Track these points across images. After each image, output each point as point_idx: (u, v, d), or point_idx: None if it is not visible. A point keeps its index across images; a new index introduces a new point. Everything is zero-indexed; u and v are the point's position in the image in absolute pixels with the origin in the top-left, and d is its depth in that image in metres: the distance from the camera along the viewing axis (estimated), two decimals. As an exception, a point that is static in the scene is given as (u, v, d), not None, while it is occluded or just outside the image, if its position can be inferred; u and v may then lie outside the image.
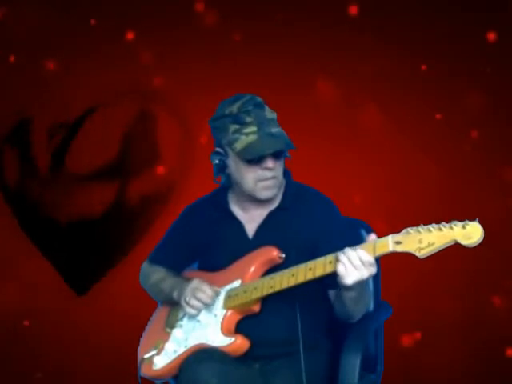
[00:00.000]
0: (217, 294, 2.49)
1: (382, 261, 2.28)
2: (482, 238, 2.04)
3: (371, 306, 2.49)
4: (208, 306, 2.48)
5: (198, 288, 2.48)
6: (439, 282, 3.66)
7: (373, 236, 2.22)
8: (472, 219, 2.06)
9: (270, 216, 2.55)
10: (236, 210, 2.59)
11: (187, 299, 2.49)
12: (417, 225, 2.12)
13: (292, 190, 2.57)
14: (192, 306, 2.48)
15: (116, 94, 3.99)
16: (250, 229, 2.56)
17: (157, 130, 4.00)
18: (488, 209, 3.54)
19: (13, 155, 4.04)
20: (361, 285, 2.25)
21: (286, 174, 2.56)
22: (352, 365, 2.37)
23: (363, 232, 2.61)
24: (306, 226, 2.50)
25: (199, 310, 2.49)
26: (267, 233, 2.53)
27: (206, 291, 2.47)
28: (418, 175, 3.74)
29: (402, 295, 3.45)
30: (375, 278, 2.29)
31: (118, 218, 4.00)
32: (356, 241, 2.24)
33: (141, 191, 4.00)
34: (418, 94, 3.74)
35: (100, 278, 4.00)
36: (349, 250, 2.20)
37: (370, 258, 2.19)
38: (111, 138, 3.99)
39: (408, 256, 2.13)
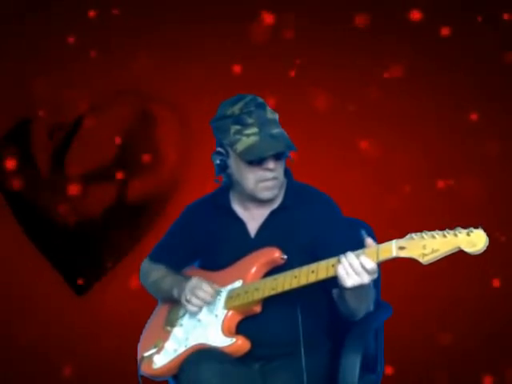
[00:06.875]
0: (217, 292, 2.48)
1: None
2: (486, 246, 2.03)
3: (371, 306, 2.48)
4: (209, 304, 2.48)
5: (198, 286, 2.48)
6: (439, 282, 3.68)
7: (370, 239, 2.21)
8: (476, 226, 2.06)
9: (272, 215, 2.54)
10: (237, 208, 2.59)
11: (188, 297, 2.48)
12: (420, 230, 2.12)
13: (293, 190, 2.57)
14: (193, 304, 2.48)
15: (115, 93, 3.98)
16: (252, 228, 2.55)
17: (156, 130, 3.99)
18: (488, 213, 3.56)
19: (13, 156, 4.02)
20: (362, 286, 2.25)
21: (287, 173, 2.56)
22: (352, 365, 2.37)
23: (364, 232, 2.61)
24: (307, 225, 2.49)
25: (200, 308, 2.49)
26: (269, 232, 2.53)
27: (206, 289, 2.47)
28: (420, 177, 3.75)
29: (402, 295, 3.46)
30: (375, 278, 2.29)
31: (118, 217, 4.00)
32: (357, 241, 2.23)
33: (142, 190, 4.00)
34: (420, 96, 3.75)
35: (99, 278, 4.01)
36: (351, 256, 2.18)
37: (372, 265, 2.18)
38: (110, 138, 3.98)
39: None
